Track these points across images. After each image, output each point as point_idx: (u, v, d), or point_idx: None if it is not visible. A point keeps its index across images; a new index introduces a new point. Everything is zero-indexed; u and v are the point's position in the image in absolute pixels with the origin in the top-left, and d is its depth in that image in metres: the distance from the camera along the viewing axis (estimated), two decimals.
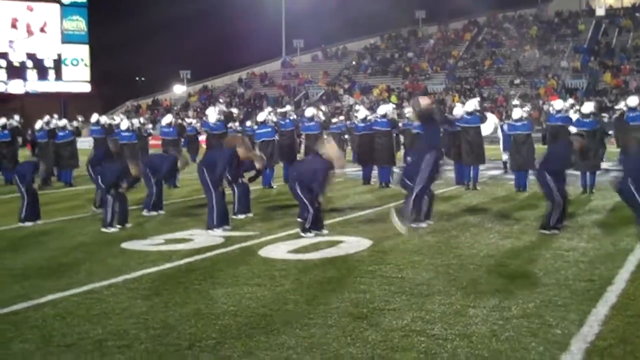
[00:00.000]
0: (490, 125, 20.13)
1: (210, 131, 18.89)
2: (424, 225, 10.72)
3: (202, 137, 25.29)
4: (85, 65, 58.46)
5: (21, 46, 55.67)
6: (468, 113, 16.55)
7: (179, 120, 23.38)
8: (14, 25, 55.74)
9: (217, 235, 10.50)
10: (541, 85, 53.52)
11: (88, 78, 58.80)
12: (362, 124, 18.65)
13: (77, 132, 20.29)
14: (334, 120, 27.99)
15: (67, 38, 57.59)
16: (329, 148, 10.51)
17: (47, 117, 21.83)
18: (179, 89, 69.35)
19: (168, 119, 19.86)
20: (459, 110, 17.39)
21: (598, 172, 15.70)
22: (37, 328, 5.95)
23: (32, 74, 55.99)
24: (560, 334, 5.54)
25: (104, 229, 11.13)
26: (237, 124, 21.87)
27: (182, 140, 21.22)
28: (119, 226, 11.28)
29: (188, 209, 13.77)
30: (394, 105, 22.56)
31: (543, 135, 17.35)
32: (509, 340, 5.42)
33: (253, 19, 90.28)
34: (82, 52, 58.36)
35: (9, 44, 54.95)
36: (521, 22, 67.18)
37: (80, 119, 22.28)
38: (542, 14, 68.02)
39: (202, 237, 10.34)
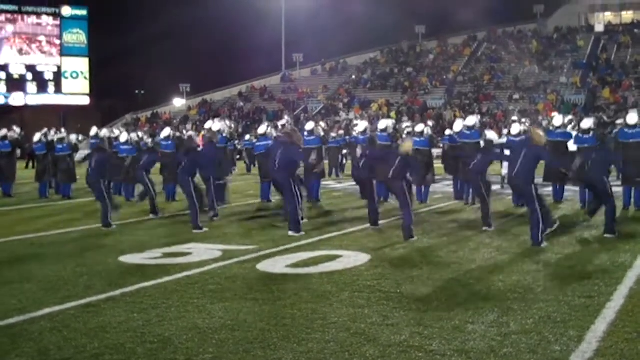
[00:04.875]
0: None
1: None
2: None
3: None
4: (85, 78, 58.66)
5: (21, 58, 55.83)
6: (468, 128, 16.54)
7: (177, 134, 23.33)
8: (13, 37, 55.93)
9: (217, 249, 10.49)
10: (540, 101, 53.61)
11: (88, 91, 58.97)
12: (362, 137, 18.62)
13: (74, 148, 20.26)
14: (333, 134, 27.97)
15: (67, 51, 57.82)
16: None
17: (45, 130, 21.85)
18: (178, 102, 69.38)
19: (166, 132, 19.83)
20: (459, 125, 17.38)
21: None
22: (33, 341, 5.92)
23: (31, 87, 56.13)
24: (559, 351, 5.52)
25: None
26: (236, 141, 21.95)
27: None
28: None
29: (187, 222, 13.72)
30: (394, 121, 22.51)
31: None
32: (507, 356, 5.39)
33: (253, 33, 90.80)
34: (82, 64, 58.58)
35: (8, 56, 55.13)
36: (520, 38, 67.37)
37: (80, 137, 22.26)
38: (541, 29, 68.21)
39: (200, 251, 10.32)
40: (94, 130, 21.12)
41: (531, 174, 10.53)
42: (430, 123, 21.78)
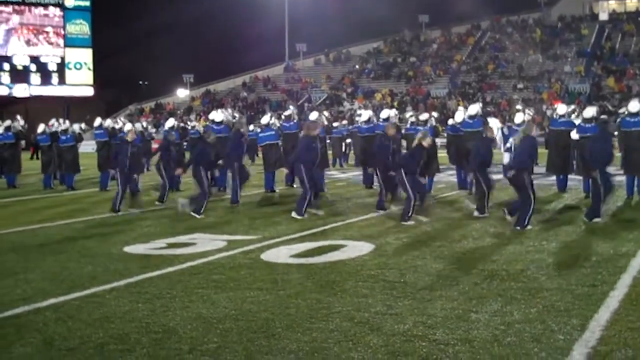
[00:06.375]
0: (493, 130, 20.06)
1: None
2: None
3: None
4: (89, 69, 58.61)
5: (25, 49, 55.83)
6: (470, 117, 16.51)
7: (182, 124, 23.38)
8: (20, 28, 55.94)
9: (221, 239, 10.51)
10: (544, 90, 53.50)
11: (91, 82, 58.94)
12: (365, 126, 18.59)
13: (78, 138, 20.27)
14: (336, 124, 27.95)
15: (71, 42, 57.76)
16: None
17: (52, 121, 21.91)
18: (182, 93, 69.39)
19: (171, 122, 19.84)
20: (461, 114, 17.35)
21: None
22: (38, 332, 5.95)
23: (35, 78, 56.13)
24: (562, 339, 5.53)
25: None
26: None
27: (185, 143, 21.20)
28: None
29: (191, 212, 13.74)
30: (397, 111, 22.45)
31: (546, 139, 17.31)
32: (510, 345, 5.41)
33: (256, 23, 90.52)
34: (86, 55, 58.51)
35: (16, 47, 55.14)
36: (524, 27, 67.18)
37: (83, 126, 22.25)
38: (545, 18, 68.00)
39: (204, 241, 10.35)
40: (97, 121, 21.14)
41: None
42: (435, 114, 21.65)
